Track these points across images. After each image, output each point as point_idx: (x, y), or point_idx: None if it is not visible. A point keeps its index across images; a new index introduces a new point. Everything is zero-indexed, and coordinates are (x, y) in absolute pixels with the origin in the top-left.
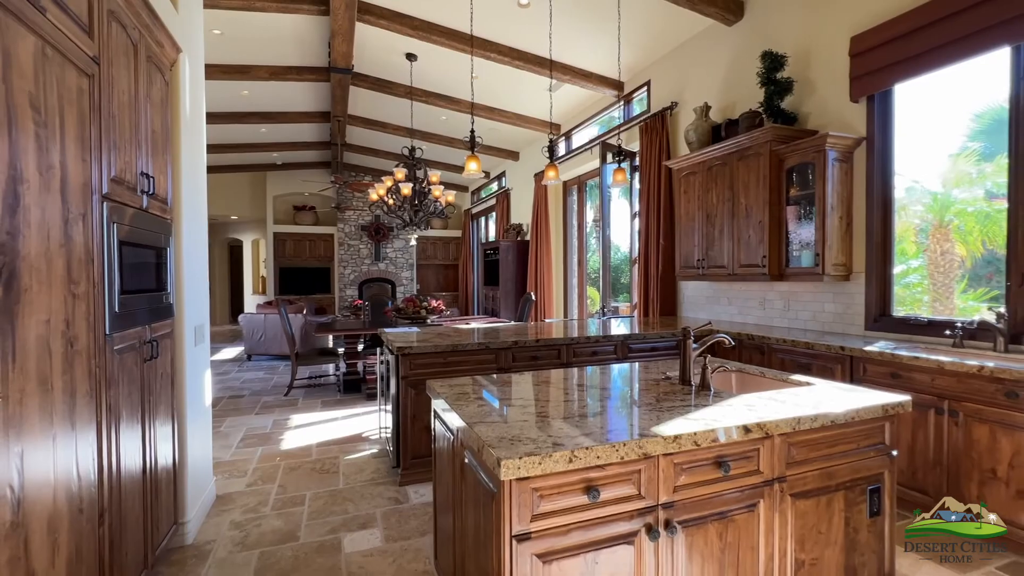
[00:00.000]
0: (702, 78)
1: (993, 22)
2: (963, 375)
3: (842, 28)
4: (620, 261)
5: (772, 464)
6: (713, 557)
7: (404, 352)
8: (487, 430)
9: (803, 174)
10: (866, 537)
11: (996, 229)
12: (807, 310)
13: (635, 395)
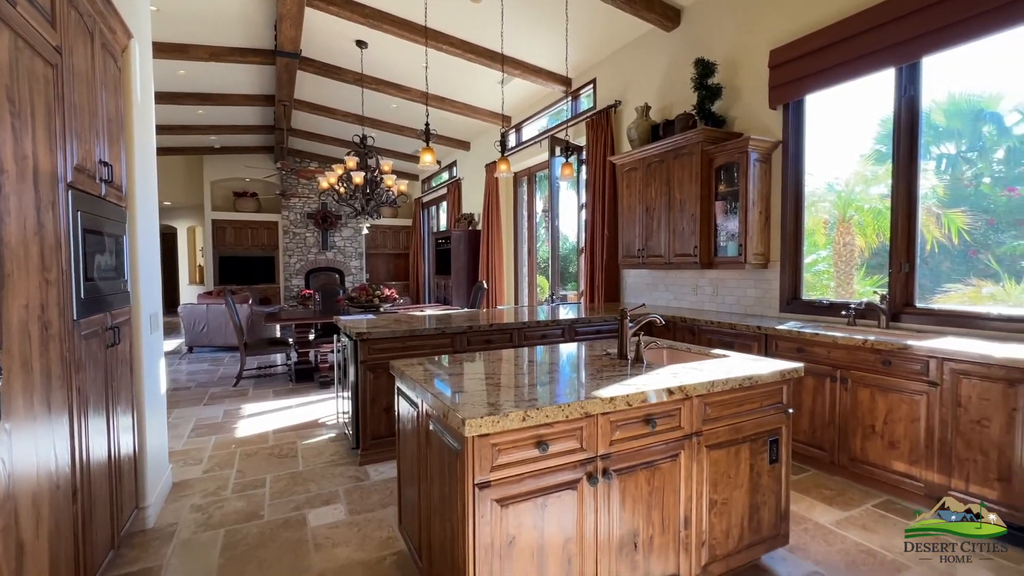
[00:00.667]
0: (643, 79)
1: (881, 46)
2: (851, 348)
3: (763, 42)
4: (568, 251)
5: (691, 421)
6: (642, 499)
7: (363, 338)
8: (451, 398)
9: (729, 172)
10: (767, 480)
11: (887, 224)
12: (732, 295)
13: (579, 368)
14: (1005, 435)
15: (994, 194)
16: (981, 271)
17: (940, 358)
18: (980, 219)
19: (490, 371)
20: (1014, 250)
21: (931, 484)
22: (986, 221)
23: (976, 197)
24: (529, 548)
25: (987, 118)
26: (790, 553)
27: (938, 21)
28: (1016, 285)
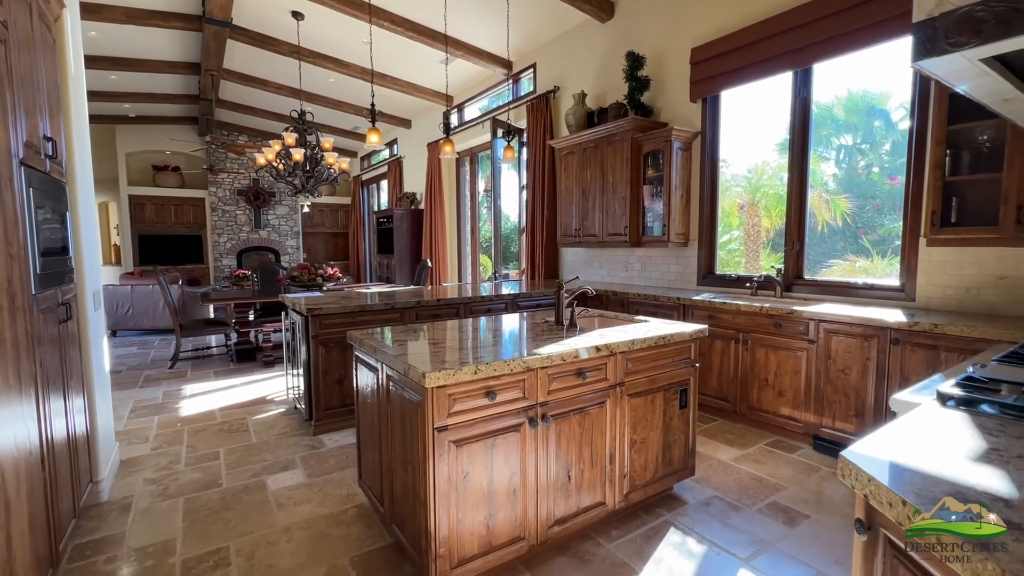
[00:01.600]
0: (580, 67)
1: (780, 52)
2: (751, 314)
3: (685, 40)
4: (509, 230)
5: (615, 373)
6: (575, 439)
7: (314, 313)
8: (411, 358)
9: (656, 159)
10: (677, 423)
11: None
12: (658, 270)
13: (521, 333)
14: (861, 380)
15: (881, 182)
16: (857, 249)
17: (817, 320)
18: (867, 205)
19: (442, 337)
20: (890, 231)
21: (808, 423)
22: (873, 207)
23: (866, 185)
24: (480, 482)
25: (877, 114)
26: (696, 483)
27: (823, 34)
28: (882, 260)
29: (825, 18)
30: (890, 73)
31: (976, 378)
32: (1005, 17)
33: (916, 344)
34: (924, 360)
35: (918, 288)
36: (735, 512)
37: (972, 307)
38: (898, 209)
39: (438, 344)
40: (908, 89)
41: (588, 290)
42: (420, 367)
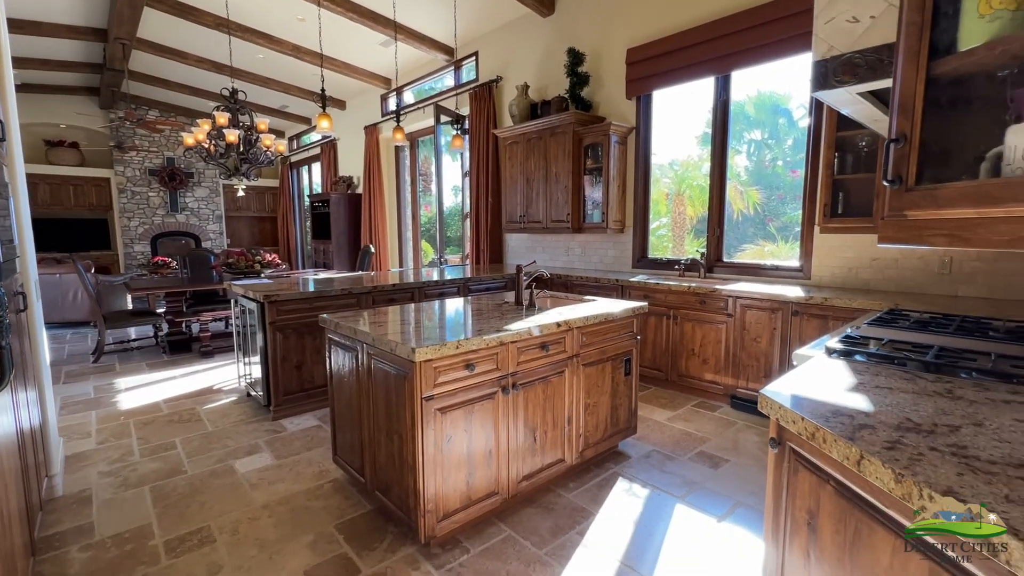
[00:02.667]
0: (523, 59)
1: (704, 59)
2: (680, 293)
3: (622, 40)
4: (450, 216)
5: (572, 346)
6: (540, 404)
7: (271, 300)
8: (395, 337)
9: (595, 151)
10: (623, 388)
11: (707, 198)
12: (597, 255)
13: (487, 313)
14: (769, 346)
15: (784, 174)
16: (766, 235)
17: (734, 297)
18: (773, 195)
19: (413, 319)
20: (791, 219)
21: (727, 385)
22: (777, 196)
23: (772, 177)
24: (462, 445)
25: (782, 112)
26: (637, 440)
27: (741, 46)
28: (785, 244)
29: (742, 31)
30: (792, 77)
31: (853, 336)
32: (873, 64)
33: (811, 315)
34: (817, 327)
35: (813, 268)
36: (670, 461)
37: (853, 283)
38: (798, 199)
39: (412, 325)
40: (807, 94)
41: (544, 273)
42: (409, 344)
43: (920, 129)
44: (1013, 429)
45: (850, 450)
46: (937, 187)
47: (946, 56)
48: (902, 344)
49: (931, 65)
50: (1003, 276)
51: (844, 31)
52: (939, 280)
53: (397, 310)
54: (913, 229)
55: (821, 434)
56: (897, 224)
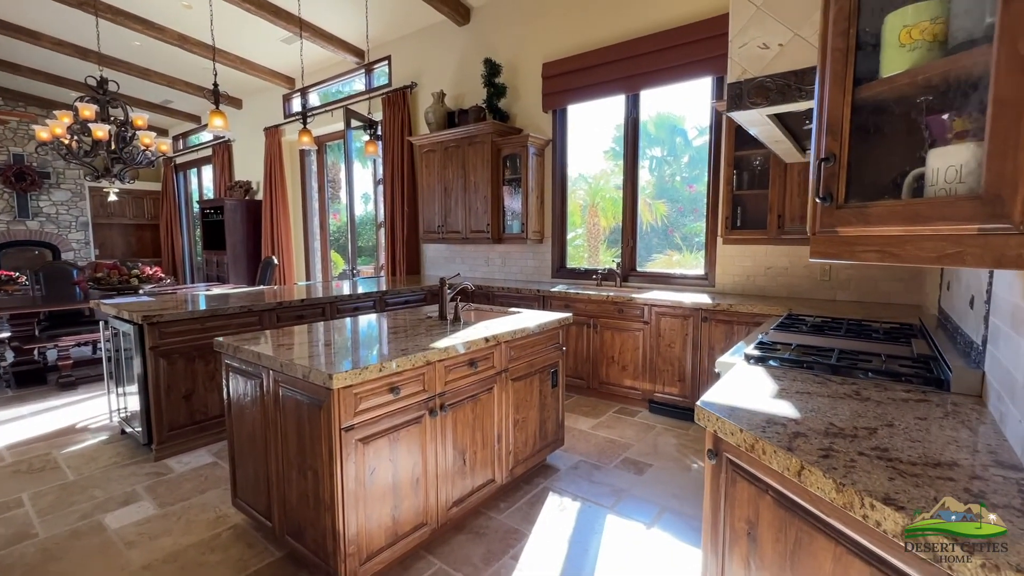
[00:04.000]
0: (439, 66)
1: (616, 77)
2: (599, 302)
3: (537, 54)
4: (361, 225)
5: (501, 361)
6: (468, 424)
7: (151, 322)
8: (308, 361)
9: (514, 161)
10: (550, 400)
11: (619, 210)
12: (517, 265)
13: (409, 329)
14: (682, 351)
15: (682, 189)
16: (672, 245)
17: (650, 305)
18: (675, 207)
19: (327, 339)
20: (691, 230)
21: (645, 391)
22: (678, 209)
23: (672, 191)
24: (386, 476)
25: (679, 132)
26: (564, 452)
27: (647, 67)
28: (690, 254)
29: (650, 53)
30: (686, 100)
31: (765, 342)
32: (782, 88)
33: (718, 320)
34: (724, 332)
35: (717, 277)
36: (598, 471)
37: (751, 290)
38: (695, 212)
39: (327, 346)
40: (701, 114)
41: (468, 286)
42: (324, 369)
43: (848, 149)
44: (919, 428)
45: (790, 461)
46: (867, 205)
47: (870, 82)
48: (808, 348)
49: (856, 90)
50: (870, 281)
51: (756, 56)
52: (821, 286)
53: (307, 329)
54: (844, 245)
55: (760, 446)
56: (829, 240)
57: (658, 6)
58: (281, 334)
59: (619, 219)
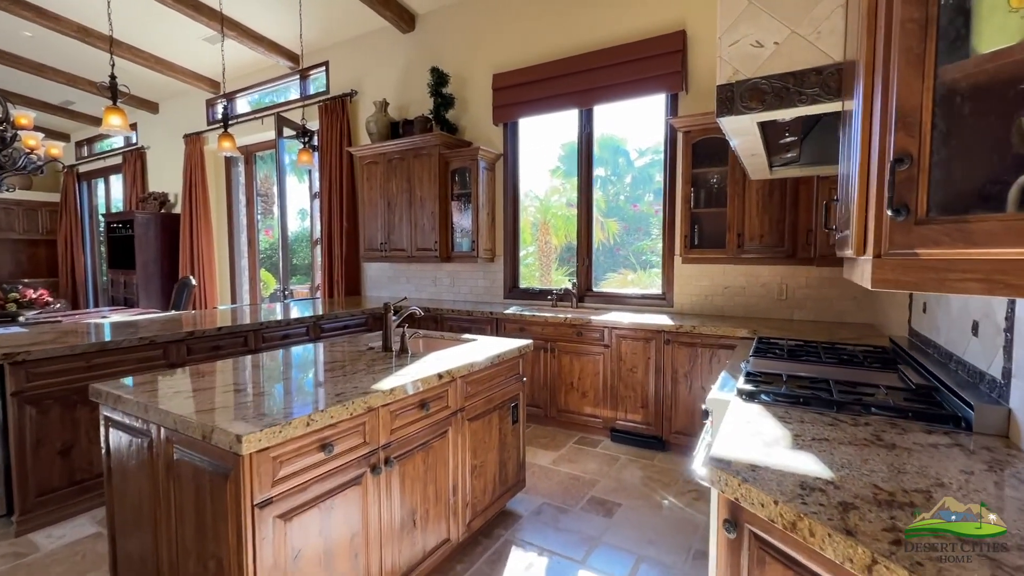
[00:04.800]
0: (381, 74)
1: (570, 91)
2: (557, 324)
3: (488, 65)
4: (296, 242)
5: (456, 399)
6: (419, 478)
7: (15, 360)
8: (211, 416)
9: (463, 176)
10: (511, 439)
11: (571, 227)
12: (466, 285)
13: (347, 364)
14: (644, 376)
15: (627, 208)
16: (627, 264)
17: (610, 327)
18: (623, 226)
19: (242, 380)
20: (639, 248)
21: (606, 418)
22: (625, 228)
23: (617, 210)
24: (316, 556)
25: (621, 153)
26: (526, 494)
27: (600, 81)
28: (645, 273)
29: (603, 68)
30: (628, 122)
31: (753, 373)
32: (779, 92)
33: (681, 343)
34: (687, 355)
35: (675, 297)
36: (564, 515)
37: (709, 310)
38: (640, 231)
39: (241, 391)
40: (643, 136)
41: (416, 311)
42: (230, 427)
43: (930, 148)
44: (975, 487)
45: (855, 551)
46: (968, 219)
47: (958, 61)
48: (801, 380)
49: (940, 71)
50: (825, 301)
51: (749, 55)
52: (779, 305)
53: (221, 368)
54: (929, 271)
55: (806, 525)
56: (903, 264)
57: (612, 21)
58: (188, 375)
59: (571, 237)
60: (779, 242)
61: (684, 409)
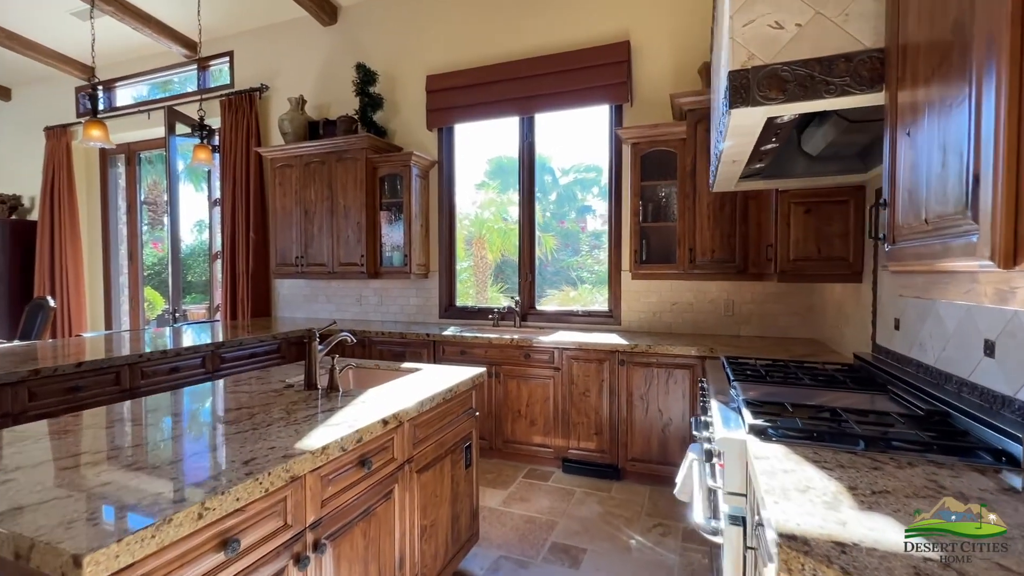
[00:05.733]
0: (297, 69)
1: (509, 97)
2: (503, 347)
3: (421, 65)
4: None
5: (403, 448)
6: (359, 558)
7: None
8: (32, 519)
9: (393, 184)
10: (464, 486)
11: (506, 241)
12: (396, 304)
13: (261, 411)
14: (598, 400)
15: (555, 224)
16: (568, 280)
17: (561, 348)
18: (558, 241)
19: (99, 444)
20: (569, 264)
21: (557, 447)
22: (559, 243)
23: (547, 227)
24: None
25: (547, 171)
26: (480, 547)
27: (543, 89)
28: (586, 289)
29: (549, 75)
30: (553, 141)
31: (752, 402)
32: (803, 81)
33: (636, 363)
34: (643, 376)
35: (622, 314)
36: (524, 569)
37: (658, 327)
38: (569, 247)
39: (96, 463)
40: (567, 155)
41: (347, 337)
42: (64, 540)
43: None
44: None
45: None
46: None
47: None
48: (805, 409)
49: None
50: (769, 316)
51: (768, 38)
52: (726, 321)
53: (69, 425)
54: None
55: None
56: None
57: (556, 27)
58: (11, 437)
59: (507, 252)
60: (730, 257)
61: (640, 434)
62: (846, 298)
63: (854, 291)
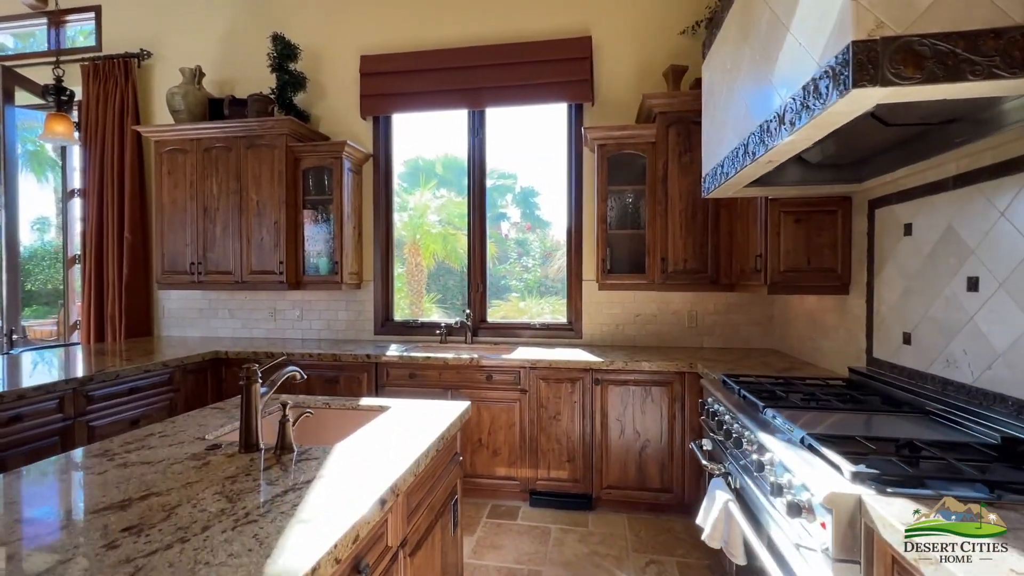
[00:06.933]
0: (193, 34)
1: (457, 87)
2: (460, 367)
3: (353, 44)
4: (32, 259)
5: (397, 529)
6: None
7: None
8: None
9: (319, 178)
10: (452, 555)
11: (446, 247)
12: (321, 319)
13: (182, 501)
14: (570, 424)
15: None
16: (513, 289)
17: (528, 368)
18: (498, 249)
19: None
20: (498, 272)
21: (525, 479)
22: (499, 251)
23: None
24: None
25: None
26: None
27: (494, 81)
28: (534, 301)
29: (502, 66)
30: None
31: (826, 437)
32: (943, 58)
33: (611, 382)
34: (620, 396)
35: (584, 327)
36: None
37: (621, 340)
38: (499, 254)
39: None
40: (493, 158)
41: (296, 373)
42: None
43: None
44: None
45: None
46: None
47: None
48: (884, 443)
49: None
50: (732, 327)
51: (901, 3)
52: (689, 333)
53: None
54: None
55: None
56: None
57: (511, 15)
58: None
59: (442, 258)
60: (702, 267)
61: (616, 459)
62: (824, 310)
63: (836, 303)
